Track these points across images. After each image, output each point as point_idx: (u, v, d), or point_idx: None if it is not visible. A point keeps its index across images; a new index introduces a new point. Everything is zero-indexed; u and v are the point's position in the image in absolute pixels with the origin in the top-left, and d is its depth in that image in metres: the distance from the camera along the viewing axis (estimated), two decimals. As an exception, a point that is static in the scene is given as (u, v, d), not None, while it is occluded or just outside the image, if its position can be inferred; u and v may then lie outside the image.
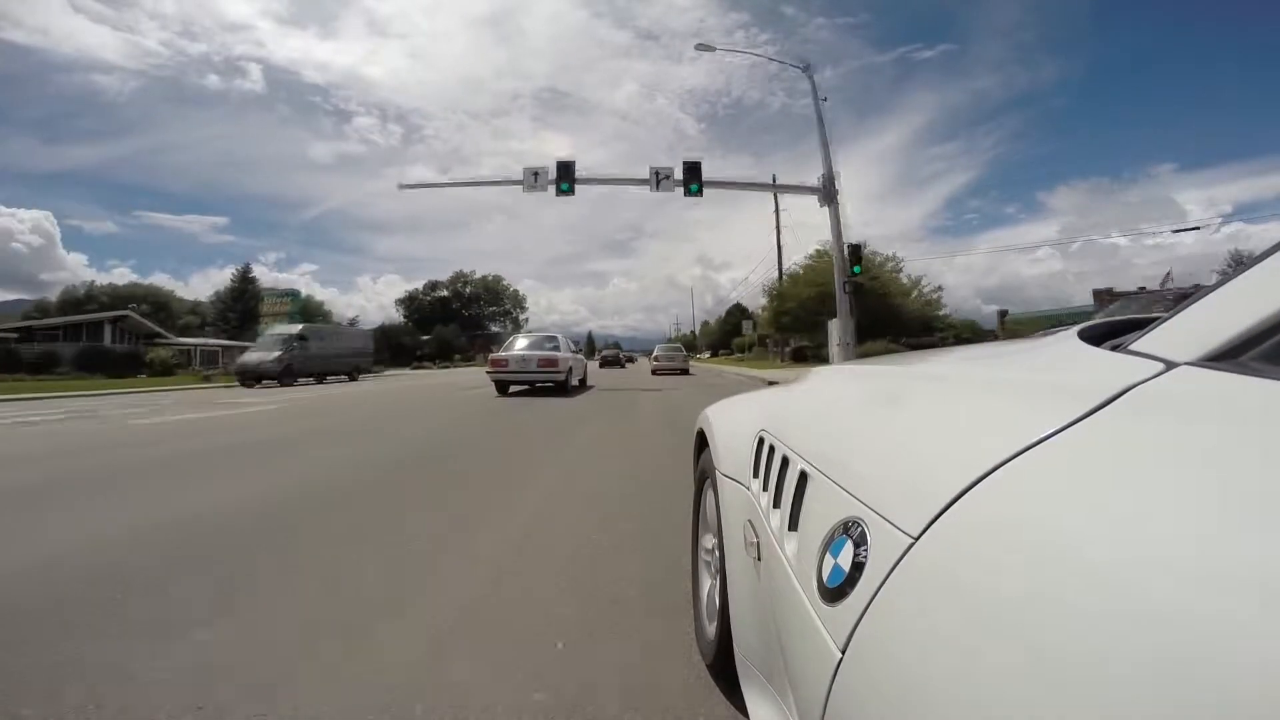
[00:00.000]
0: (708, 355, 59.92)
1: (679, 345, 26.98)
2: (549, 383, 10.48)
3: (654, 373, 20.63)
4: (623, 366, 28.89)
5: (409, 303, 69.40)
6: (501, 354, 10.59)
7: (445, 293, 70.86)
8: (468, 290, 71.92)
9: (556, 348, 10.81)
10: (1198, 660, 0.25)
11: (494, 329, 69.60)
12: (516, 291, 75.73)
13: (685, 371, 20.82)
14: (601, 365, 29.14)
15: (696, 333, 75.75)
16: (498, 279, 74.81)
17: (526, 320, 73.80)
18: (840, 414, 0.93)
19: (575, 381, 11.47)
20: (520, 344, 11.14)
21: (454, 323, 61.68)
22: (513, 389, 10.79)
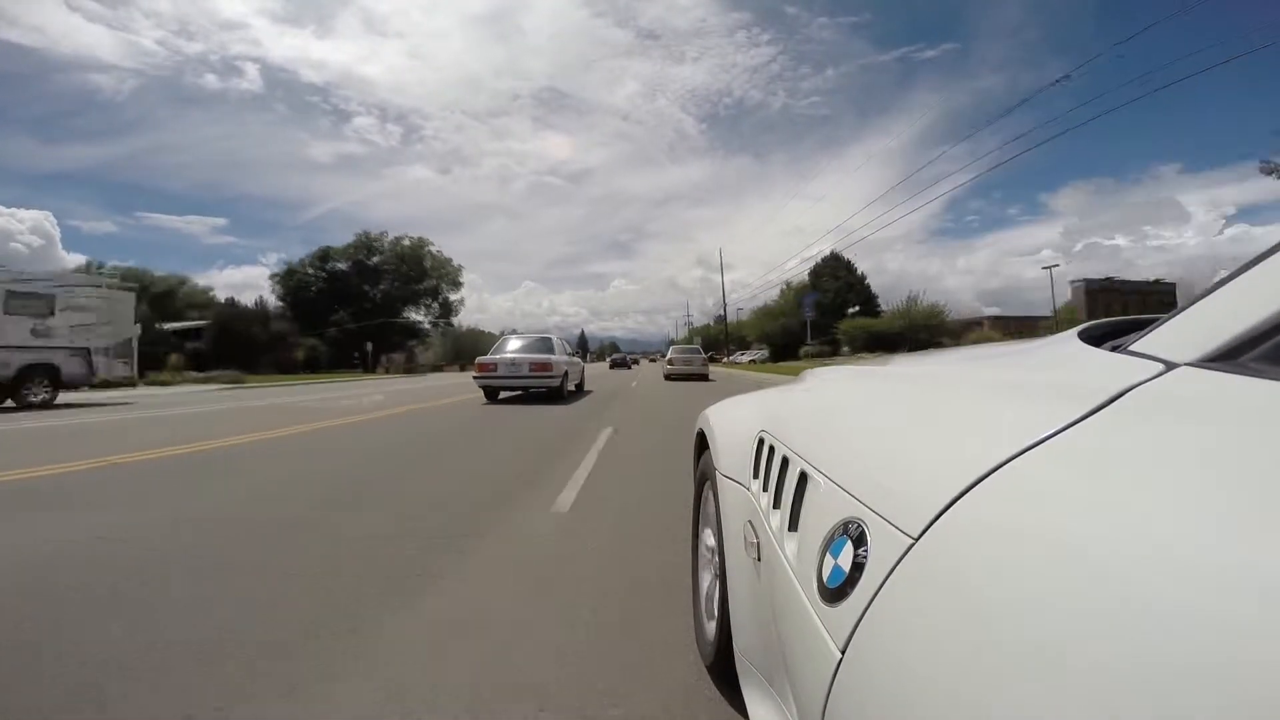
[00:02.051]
0: (753, 358, 40.04)
1: (696, 346, 23.03)
2: (542, 388, 9.60)
3: (667, 378, 17.66)
4: (629, 368, 35.23)
5: (287, 280, 44.42)
6: (490, 357, 9.67)
7: (342, 265, 46.81)
8: (375, 261, 47.89)
9: (550, 350, 9.87)
10: (1199, 660, 0.25)
11: (414, 316, 49.87)
12: (450, 261, 52.12)
13: (705, 377, 17.56)
14: (611, 367, 36.18)
15: (717, 323, 55.73)
16: (420, 244, 50.50)
17: (461, 302, 53.50)
18: (840, 414, 0.93)
19: (571, 386, 10.63)
20: (511, 345, 10.08)
21: (347, 307, 42.53)
22: (502, 395, 9.87)
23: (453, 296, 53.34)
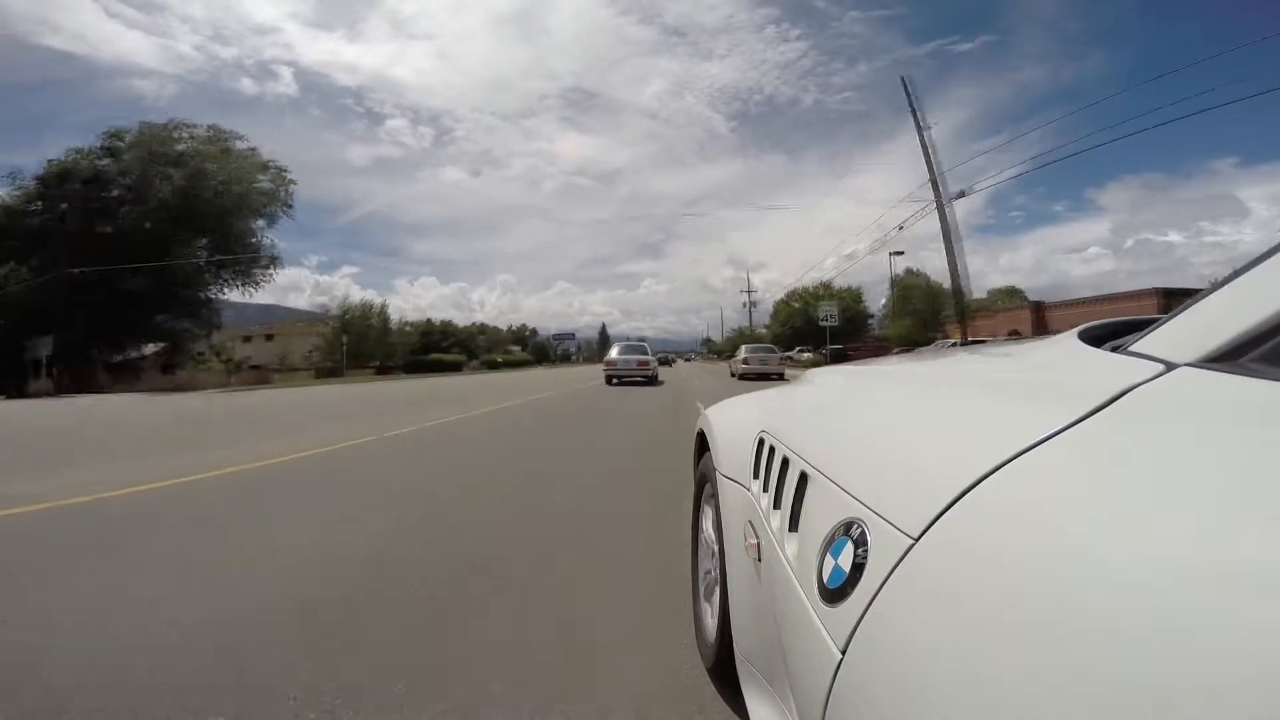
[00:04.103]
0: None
1: (771, 346, 21.96)
2: (641, 378, 15.47)
3: (741, 377, 16.49)
4: (670, 365, 39.26)
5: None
6: (611, 358, 15.87)
7: (30, 197, 25.28)
8: (115, 171, 26.10)
9: (646, 354, 16.19)
10: (1198, 660, 0.25)
11: (193, 294, 27.17)
12: (267, 166, 28.94)
13: (781, 376, 15.74)
14: None
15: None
16: (217, 140, 28.17)
17: (264, 241, 29.38)
18: (840, 415, 0.93)
19: (658, 378, 16.61)
20: (616, 352, 16.29)
21: (60, 251, 22.79)
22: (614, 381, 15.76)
23: (270, 230, 28.04)
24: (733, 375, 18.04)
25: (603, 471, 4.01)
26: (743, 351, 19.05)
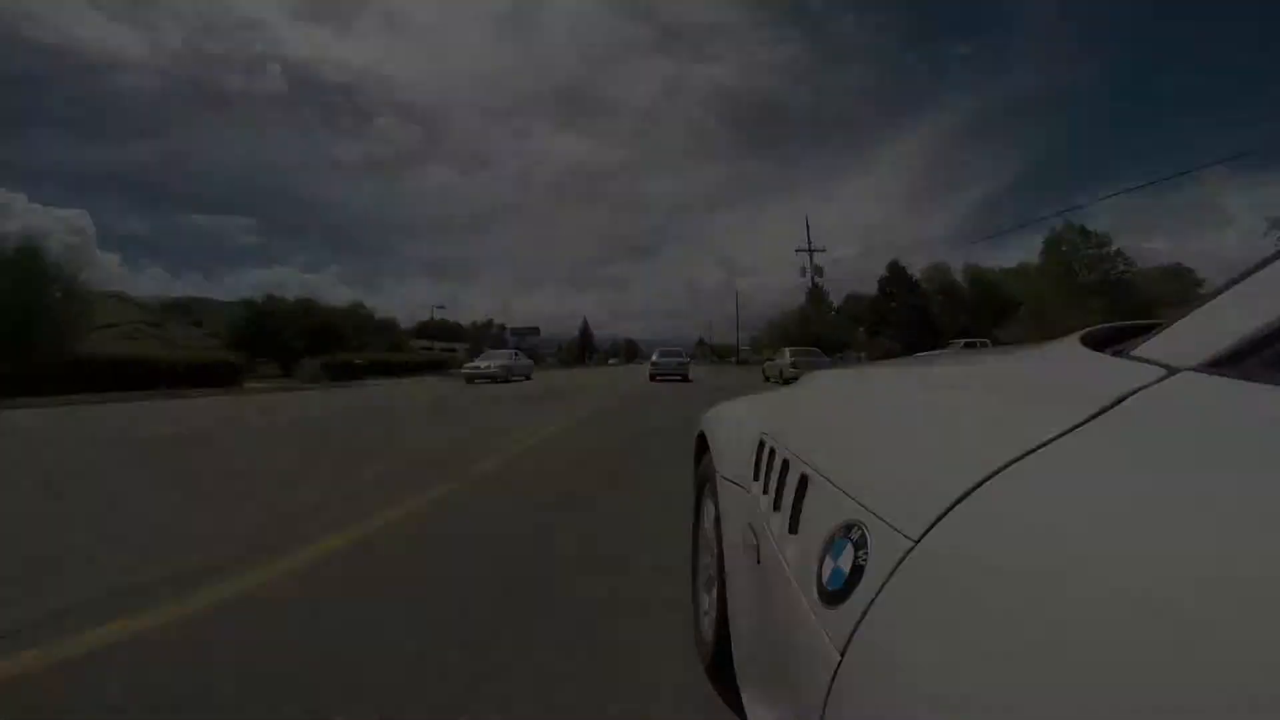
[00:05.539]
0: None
1: (816, 350, 19.87)
2: (679, 376, 19.63)
3: (786, 382, 14.71)
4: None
5: None
6: (655, 360, 20.37)
7: None
8: None
9: (682, 356, 20.68)
10: (1199, 664, 0.25)
11: None
12: None
13: None
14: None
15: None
16: None
17: None
18: (841, 417, 0.93)
19: (688, 376, 20.55)
20: (658, 355, 20.95)
21: None
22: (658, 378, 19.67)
23: None
24: (767, 379, 16.74)
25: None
26: (787, 354, 17.41)
